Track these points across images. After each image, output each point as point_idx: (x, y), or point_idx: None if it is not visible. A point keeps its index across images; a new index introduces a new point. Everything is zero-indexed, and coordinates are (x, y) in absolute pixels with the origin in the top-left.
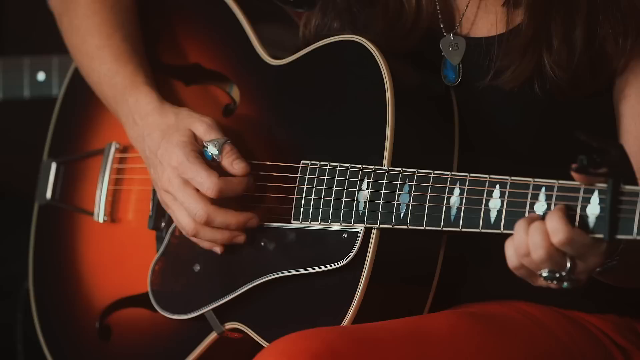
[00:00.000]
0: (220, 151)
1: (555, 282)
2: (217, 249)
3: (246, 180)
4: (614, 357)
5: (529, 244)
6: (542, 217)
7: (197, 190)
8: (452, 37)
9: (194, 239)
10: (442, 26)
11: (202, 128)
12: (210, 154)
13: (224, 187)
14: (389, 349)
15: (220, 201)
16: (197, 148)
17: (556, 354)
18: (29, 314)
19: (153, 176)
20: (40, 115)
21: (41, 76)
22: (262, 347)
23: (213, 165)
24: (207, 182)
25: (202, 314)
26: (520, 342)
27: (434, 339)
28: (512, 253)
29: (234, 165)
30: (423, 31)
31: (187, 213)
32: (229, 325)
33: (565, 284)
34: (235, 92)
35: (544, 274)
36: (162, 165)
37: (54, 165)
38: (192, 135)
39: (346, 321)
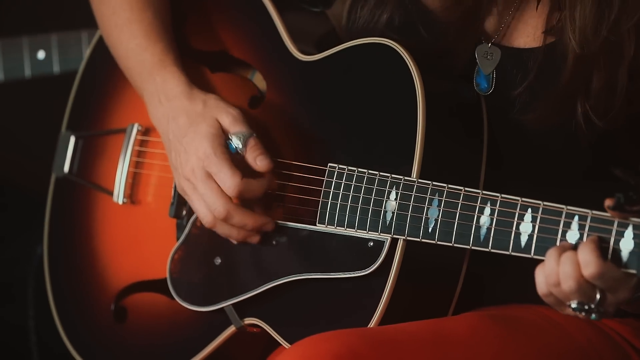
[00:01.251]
0: (245, 145)
1: (583, 313)
2: (233, 240)
3: (267, 182)
4: None
5: (560, 273)
6: (574, 247)
7: (219, 185)
8: (490, 46)
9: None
10: (483, 33)
11: (229, 119)
12: (234, 146)
13: (244, 190)
14: (409, 351)
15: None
16: (224, 141)
17: (573, 356)
18: (39, 308)
19: (173, 161)
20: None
21: (41, 54)
22: (277, 341)
23: (237, 158)
24: (229, 181)
25: (222, 308)
26: (539, 345)
27: (455, 341)
28: (542, 280)
29: (258, 160)
30: (464, 35)
31: (206, 206)
32: (248, 320)
33: (593, 315)
34: (259, 81)
35: (573, 305)
36: (187, 153)
37: (72, 139)
38: (219, 127)
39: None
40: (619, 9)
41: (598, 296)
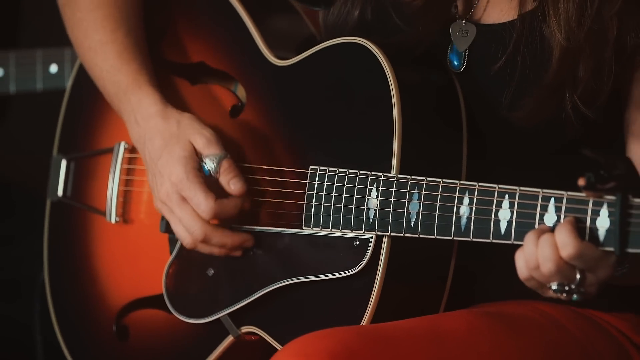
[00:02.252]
0: (218, 168)
1: (564, 294)
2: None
3: (241, 202)
4: (631, 356)
5: (539, 257)
6: (552, 230)
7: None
8: (464, 23)
9: None
10: (456, 11)
11: (202, 142)
12: (207, 169)
13: (219, 211)
14: (406, 348)
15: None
16: (197, 164)
17: (573, 353)
18: (45, 304)
19: (151, 182)
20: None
21: (54, 68)
22: (275, 348)
23: (211, 180)
24: (203, 205)
25: (218, 318)
26: (537, 341)
27: (451, 338)
28: (523, 265)
29: (231, 184)
30: (436, 13)
31: (184, 228)
32: (245, 329)
33: (574, 296)
34: (241, 92)
35: (554, 287)
36: (162, 176)
37: (64, 162)
38: (192, 150)
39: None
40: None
41: (578, 277)
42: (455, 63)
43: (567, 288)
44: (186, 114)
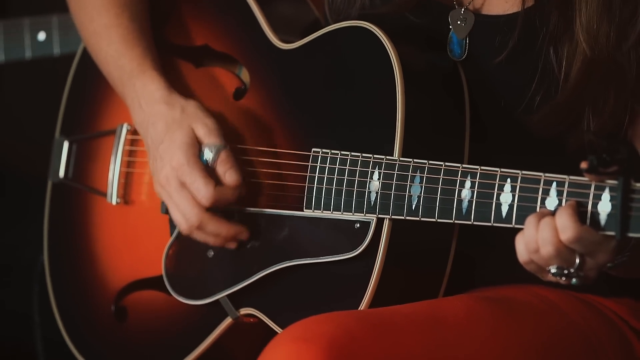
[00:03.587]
0: (216, 158)
1: (563, 278)
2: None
3: (239, 190)
4: (629, 341)
5: (539, 239)
6: (553, 213)
7: (193, 195)
8: (463, 11)
9: None
10: (454, 1)
11: (203, 131)
12: (205, 158)
13: (218, 198)
14: (405, 333)
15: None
16: (197, 151)
17: (571, 338)
18: (44, 286)
19: (152, 166)
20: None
21: (42, 36)
22: (275, 331)
23: (209, 170)
24: (203, 191)
25: (217, 300)
26: (535, 326)
27: (451, 323)
28: (522, 248)
29: (227, 175)
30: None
31: (181, 214)
32: (244, 310)
33: (573, 280)
34: (245, 75)
35: (553, 270)
36: (163, 161)
37: (66, 144)
38: (194, 137)
39: (361, 308)
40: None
41: (577, 260)
42: (457, 51)
43: (566, 272)
44: (191, 101)
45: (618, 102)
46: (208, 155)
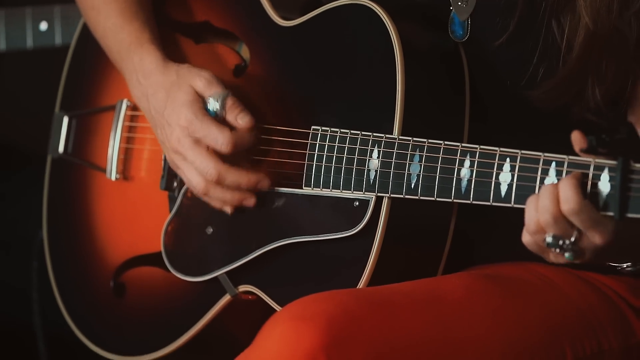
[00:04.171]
0: (223, 105)
1: (558, 249)
2: (228, 209)
3: (254, 132)
4: (628, 319)
5: (539, 207)
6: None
7: (207, 149)
8: None
9: (204, 198)
10: None
11: (202, 83)
12: (212, 110)
13: (238, 141)
14: (404, 311)
15: (231, 160)
16: (203, 105)
17: (570, 316)
18: (43, 262)
19: (160, 137)
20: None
21: (43, 26)
22: (274, 308)
23: (218, 119)
24: (221, 138)
25: (216, 277)
26: (534, 303)
27: (449, 301)
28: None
29: (239, 119)
30: None
31: (198, 172)
32: (242, 288)
33: (567, 254)
34: (245, 52)
35: (548, 239)
36: (171, 125)
37: (65, 119)
38: (194, 92)
39: (360, 286)
40: None
41: (575, 234)
42: (459, 32)
43: (561, 243)
44: (184, 64)
45: (620, 67)
46: (214, 105)
